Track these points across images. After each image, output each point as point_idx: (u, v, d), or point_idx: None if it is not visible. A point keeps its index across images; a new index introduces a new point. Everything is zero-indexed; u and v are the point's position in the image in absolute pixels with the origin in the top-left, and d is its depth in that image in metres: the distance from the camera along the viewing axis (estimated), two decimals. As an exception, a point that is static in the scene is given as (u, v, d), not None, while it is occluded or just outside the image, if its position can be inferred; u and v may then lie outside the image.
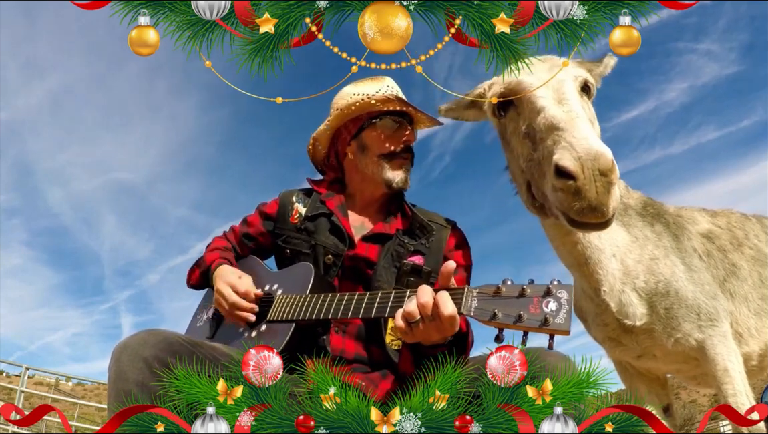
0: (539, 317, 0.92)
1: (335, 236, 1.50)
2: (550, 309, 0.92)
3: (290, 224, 1.56)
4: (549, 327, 0.91)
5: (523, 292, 0.97)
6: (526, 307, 0.94)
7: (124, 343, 1.12)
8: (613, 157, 1.13)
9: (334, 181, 1.66)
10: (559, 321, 0.91)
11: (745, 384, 1.62)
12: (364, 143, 1.55)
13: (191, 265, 1.65)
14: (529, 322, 0.93)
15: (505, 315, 0.95)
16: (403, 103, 1.53)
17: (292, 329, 1.27)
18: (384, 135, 1.54)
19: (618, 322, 1.68)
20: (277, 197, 1.66)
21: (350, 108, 1.51)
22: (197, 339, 1.22)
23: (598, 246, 1.60)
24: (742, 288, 1.87)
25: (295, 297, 1.33)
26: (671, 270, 1.67)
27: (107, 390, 1.10)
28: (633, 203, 1.81)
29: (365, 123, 1.54)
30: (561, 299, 0.93)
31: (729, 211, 2.15)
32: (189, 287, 1.66)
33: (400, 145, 1.54)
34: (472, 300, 1.02)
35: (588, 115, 1.34)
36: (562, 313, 0.92)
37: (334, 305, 1.23)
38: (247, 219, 1.67)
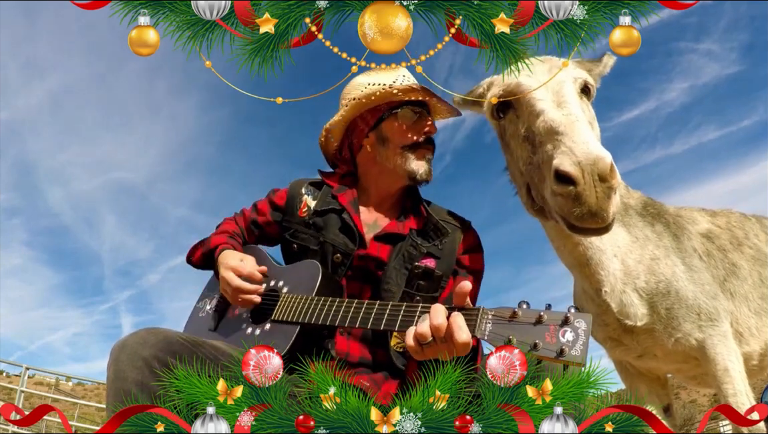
0: (555, 347, 0.91)
1: (345, 234, 1.46)
2: (566, 339, 0.91)
3: (298, 217, 1.51)
4: (565, 358, 0.90)
5: (540, 319, 0.95)
6: (542, 336, 0.93)
7: (123, 342, 1.11)
8: (614, 162, 1.13)
9: (346, 175, 1.61)
10: (575, 352, 0.90)
11: (746, 384, 1.62)
12: (385, 135, 1.50)
13: (195, 243, 1.61)
14: (544, 352, 0.92)
15: (520, 343, 0.94)
16: (427, 93, 1.48)
17: (297, 332, 1.26)
18: (406, 125, 1.49)
19: (619, 322, 1.68)
20: (287, 187, 1.61)
21: (369, 98, 1.46)
22: (198, 338, 1.21)
23: (600, 246, 1.60)
24: (742, 288, 1.87)
25: (302, 298, 1.31)
26: (672, 270, 1.67)
27: (106, 390, 1.10)
28: (633, 203, 1.81)
29: (385, 113, 1.48)
30: (578, 329, 0.91)
31: (728, 211, 2.15)
32: (188, 263, 1.61)
33: (422, 135, 1.50)
34: (487, 323, 1.00)
35: (588, 118, 1.33)
36: (578, 345, 0.90)
37: (342, 312, 1.21)
38: (257, 206, 1.62)
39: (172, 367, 1.03)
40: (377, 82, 1.46)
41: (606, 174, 1.11)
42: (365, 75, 1.51)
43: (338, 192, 1.53)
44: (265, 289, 1.43)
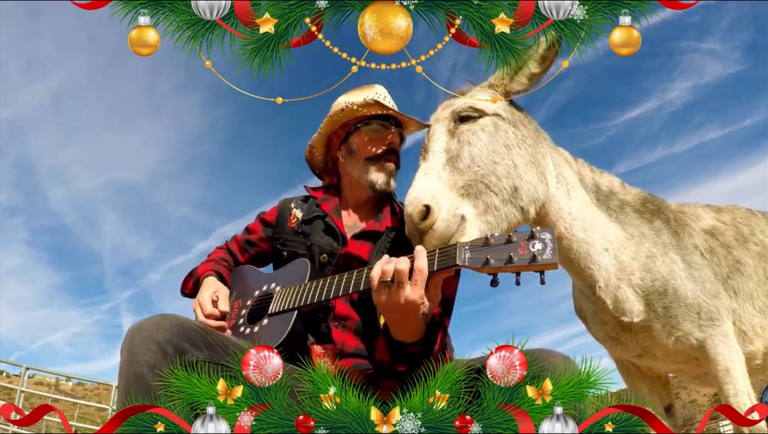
0: (528, 256, 1.01)
1: (329, 236, 1.56)
2: (536, 248, 1.01)
3: (288, 228, 1.63)
4: (538, 263, 1.00)
5: (510, 239, 1.05)
6: (515, 250, 1.03)
7: (138, 326, 1.12)
8: (430, 201, 1.29)
9: (330, 186, 1.73)
10: (546, 256, 1.00)
11: (747, 384, 1.61)
12: (351, 147, 1.62)
13: (185, 276, 1.71)
14: (519, 262, 1.01)
15: (497, 259, 1.04)
16: (382, 107, 1.58)
17: (294, 316, 1.31)
18: (368, 138, 1.60)
19: (616, 320, 1.67)
20: (276, 205, 1.73)
21: (337, 114, 1.60)
22: (209, 327, 1.24)
23: (585, 239, 1.60)
24: (746, 285, 1.84)
25: (294, 288, 1.38)
26: (669, 267, 1.66)
27: (119, 373, 1.10)
28: (630, 199, 1.80)
29: (352, 128, 1.62)
30: (545, 239, 1.02)
31: (734, 207, 2.11)
32: (183, 296, 1.71)
33: (382, 147, 1.60)
34: (465, 253, 1.09)
35: (455, 151, 1.44)
36: (548, 250, 1.00)
37: (335, 286, 1.28)
38: (248, 228, 1.74)
39: (185, 352, 1.07)
40: (350, 100, 1.59)
41: (411, 218, 1.30)
42: (345, 95, 1.65)
43: (322, 201, 1.66)
44: (258, 295, 1.51)
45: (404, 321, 1.16)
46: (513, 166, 1.44)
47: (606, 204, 1.72)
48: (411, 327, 1.17)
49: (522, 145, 1.50)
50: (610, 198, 1.75)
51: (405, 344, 1.20)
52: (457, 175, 1.39)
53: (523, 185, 1.44)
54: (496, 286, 1.05)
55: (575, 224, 1.60)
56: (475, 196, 1.37)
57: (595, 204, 1.69)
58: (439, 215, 1.29)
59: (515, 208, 1.42)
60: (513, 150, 1.47)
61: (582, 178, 1.73)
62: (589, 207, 1.66)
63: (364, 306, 1.45)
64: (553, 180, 1.58)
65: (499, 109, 1.53)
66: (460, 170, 1.39)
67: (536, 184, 1.48)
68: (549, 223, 1.57)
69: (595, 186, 1.75)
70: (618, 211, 1.73)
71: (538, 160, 1.52)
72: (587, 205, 1.66)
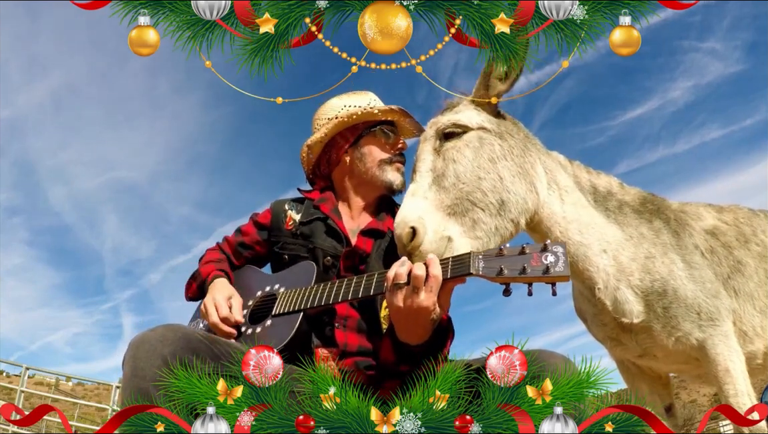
0: (541, 268, 1.04)
1: (332, 238, 1.55)
2: (549, 260, 1.04)
3: (285, 231, 1.62)
4: (551, 275, 1.02)
5: (524, 250, 1.08)
6: (528, 262, 1.06)
7: (142, 338, 1.10)
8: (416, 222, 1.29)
9: (324, 189, 1.73)
10: (558, 269, 1.02)
11: (747, 384, 1.61)
12: (363, 150, 1.65)
13: (188, 279, 1.69)
14: (533, 273, 1.04)
15: (511, 270, 1.06)
16: (406, 115, 1.66)
17: (300, 318, 1.31)
18: (384, 141, 1.66)
19: (616, 322, 1.67)
20: (268, 207, 1.72)
21: (351, 117, 1.61)
22: (213, 336, 1.23)
23: (581, 241, 1.59)
24: (747, 286, 1.84)
25: (300, 290, 1.38)
26: (669, 268, 1.66)
27: (122, 386, 1.08)
28: (629, 199, 1.79)
29: (364, 131, 1.65)
30: (557, 252, 1.05)
31: (737, 207, 2.09)
32: (187, 300, 1.70)
33: (397, 150, 1.68)
34: (479, 262, 1.11)
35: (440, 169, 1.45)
36: (560, 263, 1.03)
37: (342, 289, 1.28)
38: (241, 229, 1.72)
39: (191, 365, 1.05)
40: (355, 104, 1.64)
41: (400, 239, 1.30)
42: (338, 98, 1.68)
43: (319, 202, 1.65)
44: (260, 296, 1.50)
45: (413, 325, 1.16)
46: (499, 180, 1.44)
47: (604, 205, 1.72)
48: (418, 331, 1.17)
49: (509, 156, 1.50)
50: (608, 199, 1.75)
51: (410, 345, 1.21)
52: (443, 193, 1.40)
53: (511, 197, 1.44)
54: (509, 296, 1.07)
55: (570, 227, 1.59)
56: (462, 213, 1.37)
57: (592, 205, 1.69)
58: (425, 237, 1.30)
59: (505, 221, 1.42)
60: (499, 162, 1.47)
61: (578, 180, 1.72)
62: (585, 209, 1.66)
63: (363, 302, 1.45)
64: (544, 187, 1.57)
65: (485, 121, 1.53)
66: (446, 188, 1.40)
67: (525, 195, 1.48)
68: (544, 229, 1.57)
69: (593, 187, 1.74)
70: (616, 211, 1.73)
71: (526, 169, 1.52)
72: (583, 207, 1.66)
